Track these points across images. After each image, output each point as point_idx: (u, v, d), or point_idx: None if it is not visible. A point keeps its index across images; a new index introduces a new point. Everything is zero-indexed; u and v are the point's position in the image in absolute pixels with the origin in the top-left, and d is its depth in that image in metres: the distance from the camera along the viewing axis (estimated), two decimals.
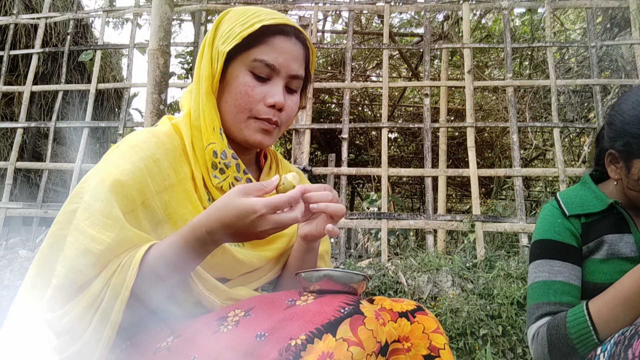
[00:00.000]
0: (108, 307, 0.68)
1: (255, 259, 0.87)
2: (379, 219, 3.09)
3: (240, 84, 0.85)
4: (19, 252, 3.03)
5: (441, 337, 0.78)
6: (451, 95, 6.88)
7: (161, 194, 0.80)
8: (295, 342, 0.61)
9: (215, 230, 0.69)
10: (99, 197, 0.73)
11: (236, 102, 0.86)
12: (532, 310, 1.09)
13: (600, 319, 0.96)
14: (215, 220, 0.69)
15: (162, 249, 0.71)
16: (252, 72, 0.86)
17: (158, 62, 2.42)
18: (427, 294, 2.49)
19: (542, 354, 1.03)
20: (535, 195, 7.03)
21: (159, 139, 0.83)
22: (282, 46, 0.86)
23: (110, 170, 0.76)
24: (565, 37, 5.76)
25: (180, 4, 3.87)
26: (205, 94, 0.87)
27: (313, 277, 0.71)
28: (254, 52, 0.85)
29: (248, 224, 0.68)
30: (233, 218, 0.68)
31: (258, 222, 0.68)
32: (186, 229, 0.71)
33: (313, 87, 3.47)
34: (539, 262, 1.12)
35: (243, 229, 0.69)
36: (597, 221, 1.11)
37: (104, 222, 0.71)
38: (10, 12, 4.33)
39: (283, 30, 0.87)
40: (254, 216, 0.67)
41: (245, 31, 0.84)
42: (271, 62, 0.85)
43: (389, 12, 3.57)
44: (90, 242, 0.70)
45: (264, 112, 0.86)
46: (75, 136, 4.02)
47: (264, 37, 0.85)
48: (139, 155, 0.79)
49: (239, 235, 0.70)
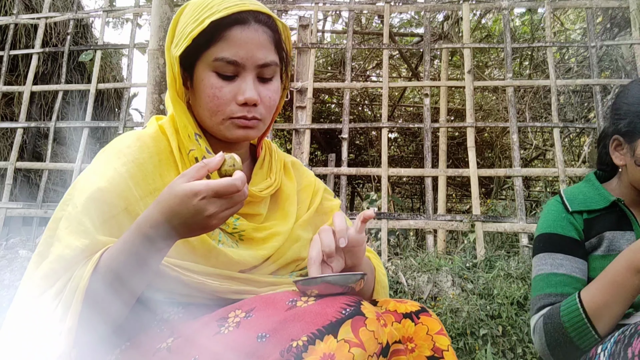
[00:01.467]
0: (68, 298, 0.68)
1: (250, 258, 0.86)
2: (379, 219, 3.09)
3: (207, 87, 0.80)
4: (19, 252, 3.03)
5: (445, 339, 0.78)
6: (451, 95, 6.88)
7: (146, 198, 0.79)
8: (297, 343, 0.61)
9: (158, 223, 0.65)
10: (78, 205, 0.74)
11: (207, 105, 0.82)
12: (534, 302, 1.11)
13: (591, 304, 0.97)
14: (157, 213, 0.65)
15: (112, 253, 0.69)
16: (217, 72, 0.80)
17: (158, 62, 2.42)
18: (427, 294, 2.49)
19: (541, 345, 1.04)
20: (535, 195, 7.02)
21: (143, 143, 0.82)
22: (241, 37, 0.79)
23: (92, 178, 0.77)
24: (565, 37, 5.76)
25: (180, 4, 3.87)
26: (172, 100, 0.84)
27: (311, 283, 0.71)
28: (212, 52, 0.79)
29: (192, 209, 0.63)
30: (176, 206, 0.63)
31: (202, 205, 0.63)
32: (131, 228, 0.68)
33: (313, 87, 3.47)
34: (542, 255, 1.14)
35: (188, 217, 0.64)
36: (599, 218, 1.12)
37: (79, 230, 0.72)
38: (10, 12, 4.33)
39: (238, 19, 0.79)
40: (196, 199, 0.63)
41: (195, 30, 0.78)
42: (232, 59, 0.79)
43: (389, 12, 3.57)
44: (65, 248, 0.71)
45: (237, 110, 0.81)
46: (75, 136, 4.01)
47: (219, 32, 0.79)
48: (121, 161, 0.78)
49: (186, 225, 0.65)
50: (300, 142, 3.38)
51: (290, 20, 6.00)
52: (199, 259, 0.80)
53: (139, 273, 0.69)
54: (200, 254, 0.80)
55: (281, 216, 0.95)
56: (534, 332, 1.07)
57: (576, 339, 0.97)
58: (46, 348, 0.67)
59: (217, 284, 0.78)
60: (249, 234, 0.88)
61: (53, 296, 0.69)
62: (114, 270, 0.68)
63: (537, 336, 1.05)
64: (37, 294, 0.70)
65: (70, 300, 0.67)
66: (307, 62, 3.52)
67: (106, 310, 0.70)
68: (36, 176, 5.05)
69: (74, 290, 0.68)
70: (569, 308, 0.99)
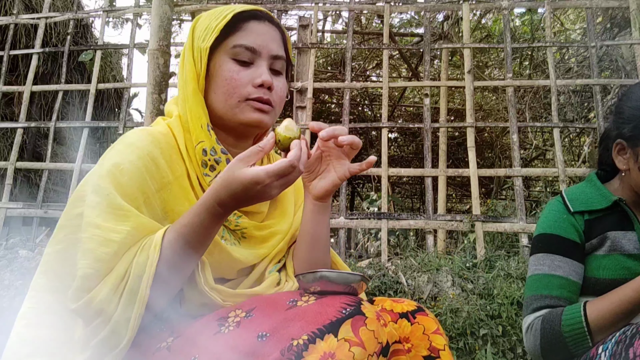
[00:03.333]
0: (134, 285, 0.68)
1: (251, 257, 0.87)
2: (379, 219, 3.09)
3: (225, 71, 0.86)
4: (19, 252, 3.03)
5: (441, 338, 0.78)
6: (451, 95, 6.88)
7: (160, 192, 0.80)
8: (297, 342, 0.61)
9: (226, 202, 0.71)
10: (105, 194, 0.74)
11: (224, 89, 0.86)
12: (529, 301, 1.11)
13: (596, 323, 0.98)
14: (225, 195, 0.70)
15: (178, 228, 0.72)
16: (235, 59, 0.87)
17: (158, 62, 2.42)
18: (427, 294, 2.49)
19: (534, 346, 1.05)
20: (535, 195, 7.03)
21: (154, 138, 0.83)
22: (258, 29, 0.88)
23: (110, 170, 0.76)
24: (565, 37, 5.76)
25: (180, 4, 3.87)
26: (192, 93, 0.87)
27: (310, 278, 0.71)
28: (232, 40, 0.87)
29: (255, 193, 0.70)
30: (240, 192, 0.69)
31: (265, 190, 0.70)
32: (197, 207, 0.72)
33: (313, 87, 3.47)
34: (540, 255, 1.14)
35: (252, 197, 0.71)
36: (600, 218, 1.12)
37: (117, 214, 0.73)
38: (10, 12, 4.32)
39: (255, 15, 0.89)
40: (259, 187, 0.69)
41: (221, 22, 0.86)
42: (251, 45, 0.87)
43: (389, 12, 3.57)
44: (109, 232, 0.71)
45: (254, 92, 0.86)
46: (75, 136, 4.01)
47: (239, 23, 0.87)
48: (136, 154, 0.79)
49: (249, 201, 0.72)
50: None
51: (290, 20, 6.01)
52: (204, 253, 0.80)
53: (202, 248, 0.74)
54: None
55: (280, 214, 0.96)
56: (528, 332, 1.08)
57: (572, 345, 0.99)
58: (111, 337, 0.68)
59: (219, 301, 0.78)
60: (250, 232, 0.89)
61: (114, 282, 0.69)
62: (176, 251, 0.71)
63: (531, 336, 1.06)
64: (95, 281, 0.70)
65: (136, 287, 0.68)
66: (307, 62, 3.52)
67: (162, 297, 0.72)
68: (36, 176, 5.05)
69: (140, 276, 0.69)
70: (572, 318, 0.99)
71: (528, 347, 1.08)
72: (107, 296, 0.68)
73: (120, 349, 0.68)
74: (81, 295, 0.70)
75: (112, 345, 0.69)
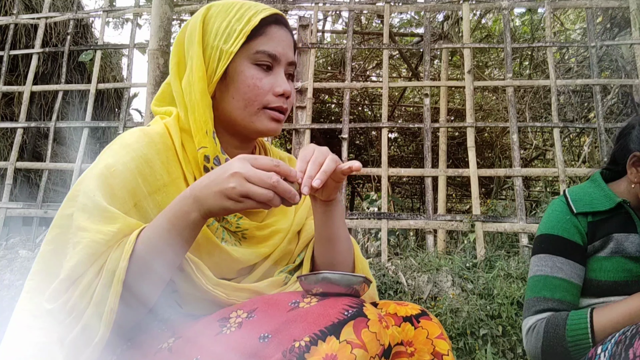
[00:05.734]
0: (107, 279, 0.68)
1: (252, 256, 0.87)
2: (379, 219, 3.09)
3: (248, 78, 0.85)
4: (19, 252, 3.03)
5: (445, 343, 0.78)
6: (451, 95, 6.88)
7: (154, 194, 0.80)
8: (299, 343, 0.61)
9: (194, 185, 0.70)
10: (93, 197, 0.74)
11: (245, 96, 0.85)
12: (531, 303, 1.11)
13: (602, 332, 0.98)
14: (199, 182, 0.69)
15: (154, 221, 0.72)
16: (256, 64, 0.86)
17: (158, 62, 2.42)
18: (427, 294, 2.49)
19: (535, 348, 1.05)
20: (535, 195, 7.03)
21: (151, 139, 0.82)
22: (279, 35, 0.88)
23: (102, 172, 0.76)
24: (565, 37, 5.76)
25: (180, 4, 3.87)
26: (200, 94, 0.85)
27: (312, 280, 0.71)
28: (254, 45, 0.85)
29: (220, 173, 0.68)
30: (216, 170, 0.69)
31: (231, 179, 0.66)
32: (170, 205, 0.71)
33: (313, 87, 3.47)
34: (542, 256, 1.13)
35: (213, 176, 0.68)
36: (604, 220, 1.12)
37: (104, 217, 0.72)
38: (10, 12, 4.32)
39: (276, 19, 0.88)
40: (229, 172, 0.66)
41: (247, 27, 0.84)
42: (273, 52, 0.86)
43: (389, 12, 3.57)
44: (96, 234, 0.70)
45: (274, 101, 0.86)
46: (75, 136, 4.01)
47: (261, 28, 0.86)
48: (130, 156, 0.79)
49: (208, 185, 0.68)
50: (300, 142, 3.38)
51: (290, 20, 5.99)
52: (204, 255, 0.81)
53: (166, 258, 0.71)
54: (205, 251, 0.81)
55: (280, 212, 0.96)
56: (529, 333, 1.07)
57: (573, 349, 1.00)
58: (84, 332, 0.68)
59: (224, 297, 0.78)
60: (252, 232, 0.89)
61: (88, 281, 0.69)
62: (152, 247, 0.70)
63: (532, 338, 1.06)
64: (74, 278, 0.69)
65: (109, 280, 0.67)
66: (307, 62, 3.52)
67: (146, 287, 0.71)
68: (36, 176, 5.04)
69: (113, 271, 0.68)
70: (578, 325, 1.00)
71: (528, 348, 1.08)
72: (80, 294, 0.68)
73: (94, 344, 0.67)
74: (58, 296, 0.70)
75: (85, 341, 0.68)
